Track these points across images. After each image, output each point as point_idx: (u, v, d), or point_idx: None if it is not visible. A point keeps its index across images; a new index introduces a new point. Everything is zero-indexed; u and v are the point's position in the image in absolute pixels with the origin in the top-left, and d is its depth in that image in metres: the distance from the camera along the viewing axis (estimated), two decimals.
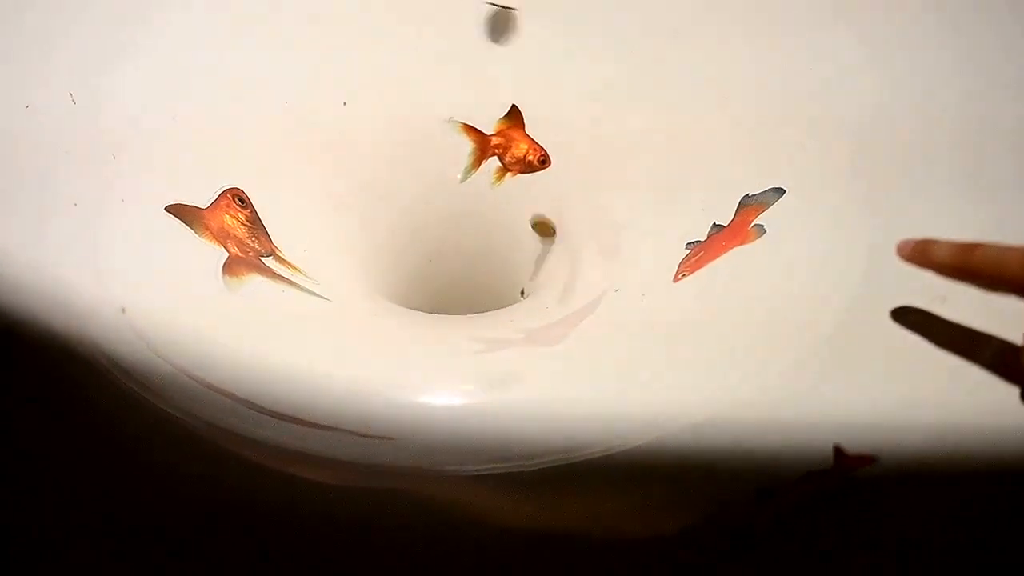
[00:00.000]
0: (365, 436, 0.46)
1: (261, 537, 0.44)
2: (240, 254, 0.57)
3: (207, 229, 0.57)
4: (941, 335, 0.46)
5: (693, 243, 0.59)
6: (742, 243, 0.56)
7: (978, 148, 0.52)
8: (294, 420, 0.46)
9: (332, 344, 0.56)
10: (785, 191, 0.57)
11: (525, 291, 0.70)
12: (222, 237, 0.57)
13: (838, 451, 0.43)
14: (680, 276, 0.57)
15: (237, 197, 0.59)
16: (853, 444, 0.43)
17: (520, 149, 0.69)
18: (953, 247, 0.43)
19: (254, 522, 0.44)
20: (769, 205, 0.57)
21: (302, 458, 0.45)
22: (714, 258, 0.57)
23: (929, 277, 0.46)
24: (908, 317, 0.47)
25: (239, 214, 0.59)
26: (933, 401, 0.44)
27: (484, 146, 0.69)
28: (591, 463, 0.45)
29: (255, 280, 0.57)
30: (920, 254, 0.45)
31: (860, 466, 0.42)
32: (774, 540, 0.44)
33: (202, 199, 0.58)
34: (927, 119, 0.54)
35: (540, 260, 0.70)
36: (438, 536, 0.44)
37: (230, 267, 0.56)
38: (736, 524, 0.43)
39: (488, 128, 0.69)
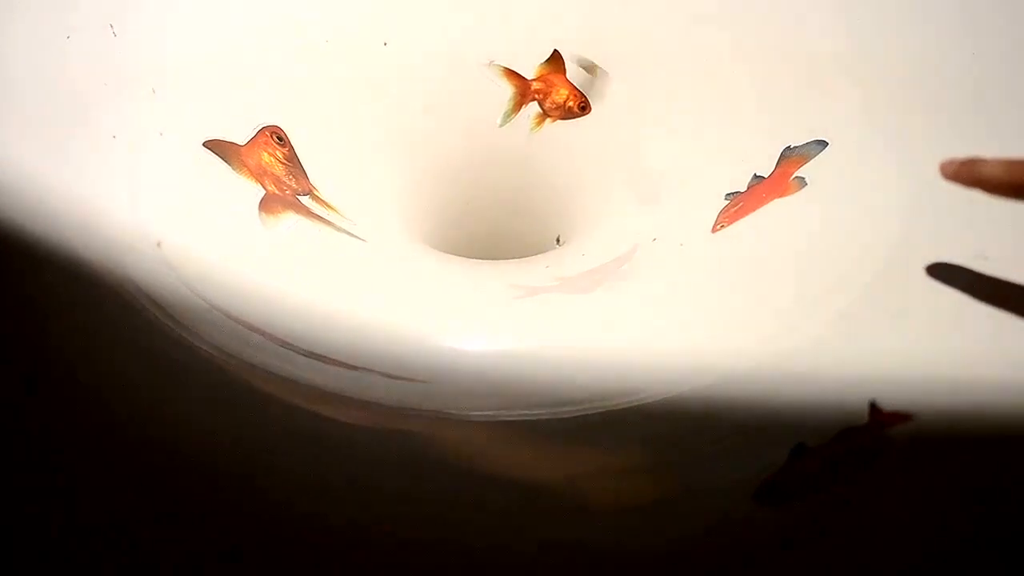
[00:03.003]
0: (397, 378, 0.46)
1: (287, 476, 0.44)
2: (277, 192, 0.57)
3: (244, 166, 0.57)
4: (982, 290, 0.45)
5: (733, 194, 0.58)
6: (782, 195, 0.55)
7: None
8: (326, 359, 0.46)
9: (367, 285, 0.56)
10: (827, 143, 0.56)
11: (561, 238, 0.69)
12: (259, 174, 0.57)
13: (873, 407, 0.42)
14: (719, 227, 0.57)
15: (275, 135, 0.59)
16: (890, 401, 0.42)
17: (560, 95, 0.68)
18: (1003, 163, 0.42)
19: (281, 461, 0.44)
20: (811, 157, 0.56)
21: (332, 398, 0.45)
22: (753, 210, 0.56)
23: (969, 235, 0.45)
24: (946, 273, 0.46)
25: (277, 152, 0.59)
26: (974, 358, 0.44)
27: (524, 91, 0.69)
28: (623, 412, 0.45)
29: (291, 218, 0.57)
30: (967, 172, 0.43)
31: (895, 423, 0.42)
32: (806, 497, 0.43)
33: (240, 136, 0.58)
34: (973, 71, 0.53)
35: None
36: (466, 481, 0.44)
37: (266, 204, 0.56)
38: (767, 480, 0.43)
39: (529, 73, 0.68)
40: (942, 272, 0.47)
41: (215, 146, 0.56)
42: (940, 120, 0.53)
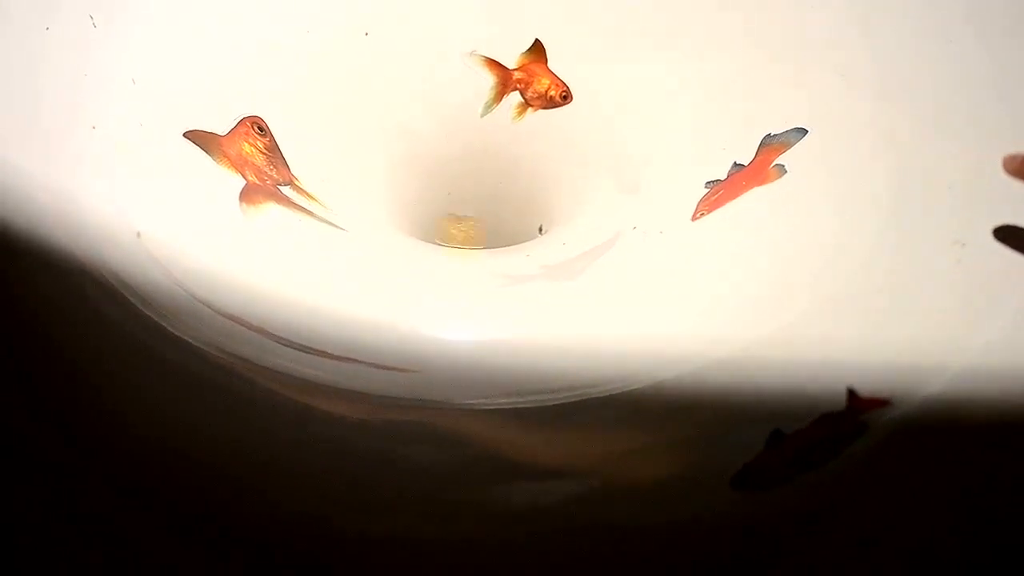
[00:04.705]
0: (382, 368, 0.46)
1: (273, 467, 0.44)
2: (258, 182, 0.57)
3: (225, 156, 0.56)
4: None
5: (713, 182, 0.58)
6: (762, 183, 0.56)
7: (1004, 86, 0.51)
8: (309, 350, 0.46)
9: (349, 275, 0.56)
10: (807, 131, 0.56)
11: (543, 227, 0.70)
12: (240, 165, 0.57)
13: (851, 393, 0.43)
14: (698, 215, 0.57)
15: (256, 125, 0.59)
16: (868, 387, 0.43)
17: (542, 84, 0.68)
18: None
19: (266, 452, 0.44)
20: (791, 145, 0.56)
21: (318, 388, 0.45)
22: (733, 197, 0.56)
23: (949, 223, 0.45)
24: (1010, 235, 0.47)
25: (258, 142, 0.59)
26: (954, 345, 0.44)
27: (506, 80, 0.69)
28: (606, 400, 0.45)
29: (272, 208, 0.56)
30: None
31: (872, 408, 0.42)
32: (784, 483, 0.44)
33: (221, 126, 0.58)
34: (955, 61, 0.54)
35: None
36: (456, 470, 0.44)
37: (247, 195, 0.56)
38: (745, 466, 0.43)
39: (510, 62, 0.68)
40: (1008, 234, 0.47)
41: (195, 136, 0.56)
42: (921, 109, 0.53)
